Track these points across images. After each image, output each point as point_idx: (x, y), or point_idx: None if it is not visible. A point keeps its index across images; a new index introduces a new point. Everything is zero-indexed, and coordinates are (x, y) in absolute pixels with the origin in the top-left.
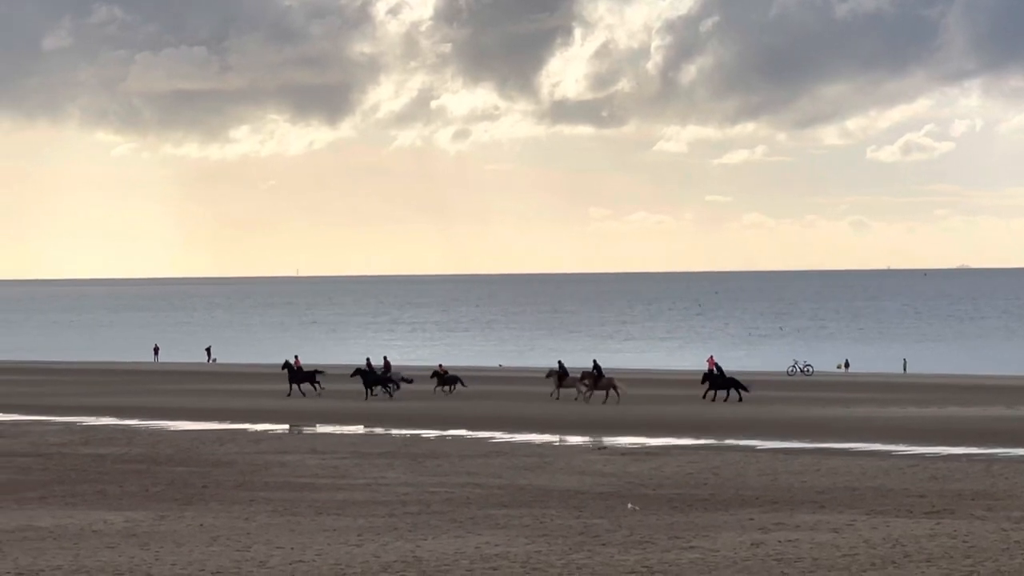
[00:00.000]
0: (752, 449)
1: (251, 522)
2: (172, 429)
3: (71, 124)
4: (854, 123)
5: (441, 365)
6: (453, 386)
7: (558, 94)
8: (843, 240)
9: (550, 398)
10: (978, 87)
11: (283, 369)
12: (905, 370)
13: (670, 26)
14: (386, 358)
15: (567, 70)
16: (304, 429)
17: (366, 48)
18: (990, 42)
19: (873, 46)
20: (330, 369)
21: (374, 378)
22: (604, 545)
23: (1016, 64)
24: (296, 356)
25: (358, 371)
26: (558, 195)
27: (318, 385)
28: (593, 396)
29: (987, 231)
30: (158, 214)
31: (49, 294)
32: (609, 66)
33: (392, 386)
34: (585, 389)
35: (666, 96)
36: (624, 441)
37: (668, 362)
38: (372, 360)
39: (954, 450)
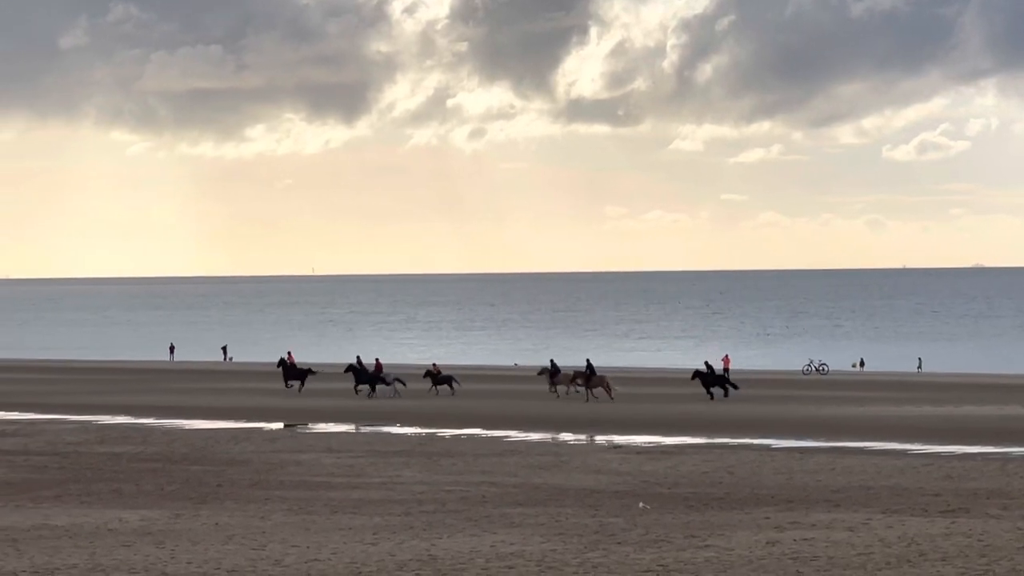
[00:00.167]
0: (767, 448)
1: (266, 521)
2: (187, 428)
3: (87, 123)
4: (870, 122)
5: (435, 364)
6: (450, 384)
7: (574, 93)
8: (858, 239)
9: (549, 393)
10: (994, 86)
11: (278, 367)
12: (920, 369)
13: (686, 25)
14: (378, 360)
15: (583, 69)
16: (298, 427)
17: (382, 47)
18: (1006, 41)
19: (889, 45)
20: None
21: (365, 376)
22: (620, 544)
23: None
24: (289, 352)
25: (350, 368)
26: (574, 194)
27: (304, 380)
28: (585, 394)
29: (1002, 230)
30: (174, 213)
31: (64, 293)
32: (625, 65)
33: (382, 385)
34: (578, 387)
35: (682, 95)
36: (639, 440)
37: (683, 361)
38: (364, 360)
39: (969, 449)
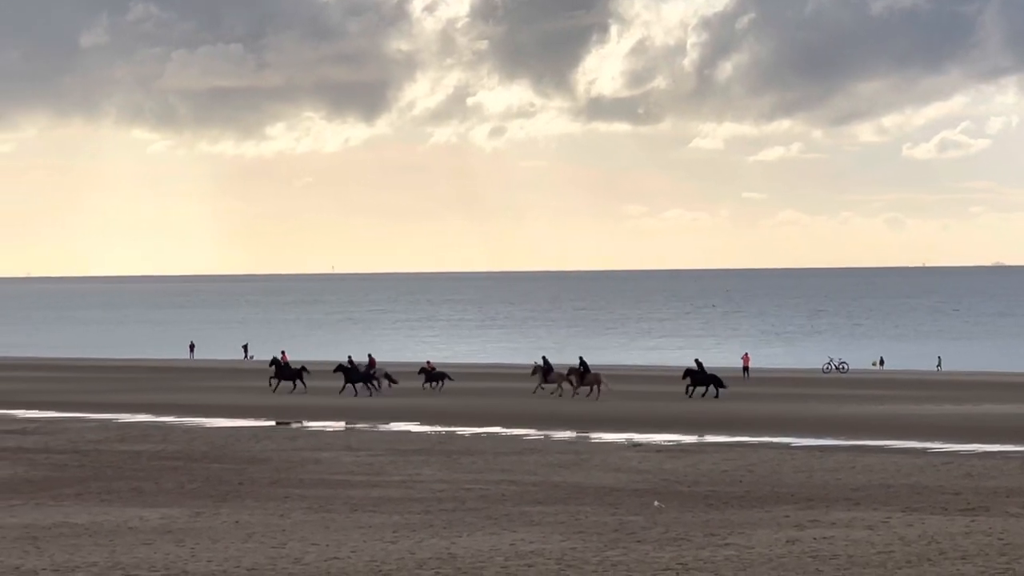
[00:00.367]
0: (787, 446)
1: (286, 519)
2: (208, 426)
3: (107, 121)
4: (890, 120)
5: (429, 362)
6: (441, 382)
7: (594, 91)
8: (878, 237)
9: (540, 391)
10: (1014, 84)
11: (270, 366)
12: (939, 367)
13: (706, 23)
14: (371, 355)
15: (603, 67)
16: (292, 423)
17: (402, 45)
18: None
19: (909, 43)
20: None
21: (356, 375)
22: (639, 542)
23: None
24: (283, 352)
25: (340, 367)
26: (594, 192)
27: (302, 381)
28: (578, 392)
29: (1023, 228)
30: (194, 211)
31: (85, 291)
32: (645, 63)
33: (374, 383)
34: (571, 385)
35: (702, 93)
36: (659, 438)
37: (704, 359)
38: (359, 356)
39: (989, 447)
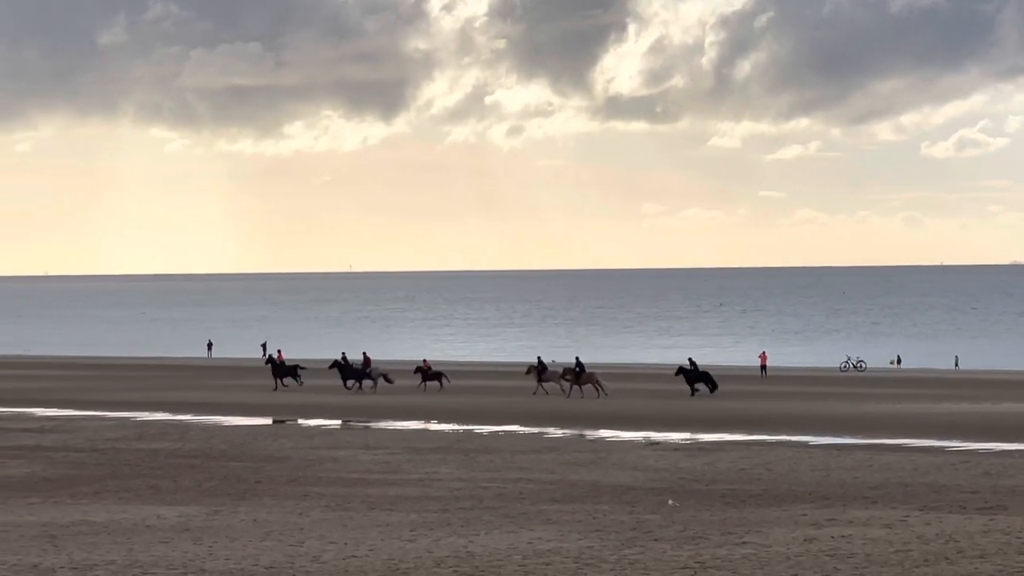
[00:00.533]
0: (805, 445)
1: (304, 517)
2: (225, 424)
3: (125, 120)
4: (908, 119)
5: (425, 361)
6: (438, 381)
7: (612, 90)
8: (896, 236)
9: (536, 390)
10: None
11: (266, 364)
12: (957, 366)
13: (724, 22)
14: (365, 354)
15: (621, 66)
16: (286, 421)
17: (421, 44)
18: None
19: (927, 42)
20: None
21: (350, 372)
22: (657, 541)
23: None
24: (280, 350)
25: (335, 364)
26: (611, 191)
27: (299, 379)
28: (573, 391)
29: None
30: (212, 210)
31: (103, 289)
32: (663, 62)
33: (369, 382)
34: (567, 384)
35: (720, 92)
36: (676, 436)
37: (721, 358)
38: (356, 354)
39: (1007, 446)
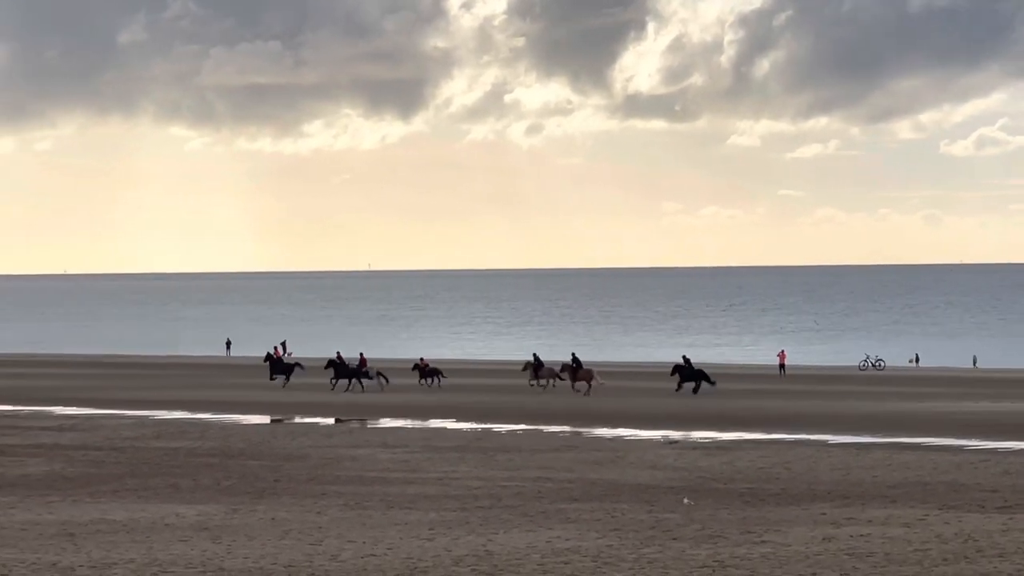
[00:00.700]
0: (824, 444)
1: (323, 516)
2: (244, 423)
3: (145, 119)
4: (928, 117)
5: (422, 358)
6: (435, 379)
7: (631, 88)
8: (916, 234)
9: (531, 388)
10: None
11: (265, 361)
12: (975, 365)
13: (743, 20)
14: (362, 354)
15: (640, 64)
16: (284, 419)
17: (439, 42)
18: None
19: (947, 40)
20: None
21: (345, 371)
22: (675, 539)
23: None
24: (276, 347)
25: (330, 363)
26: (631, 189)
27: (286, 379)
28: (570, 388)
29: None
30: (231, 208)
31: (122, 288)
32: (682, 60)
33: (366, 380)
34: (563, 381)
35: (739, 90)
36: (695, 435)
37: (740, 356)
38: (353, 353)
39: None
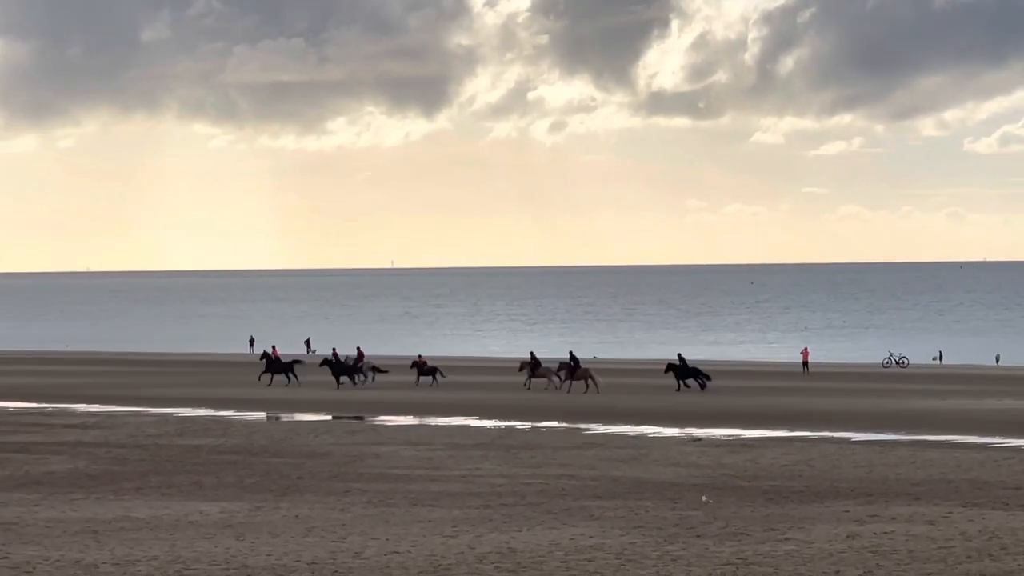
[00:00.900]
0: (847, 441)
1: (346, 513)
2: (267, 420)
3: (169, 116)
4: (951, 115)
5: (420, 356)
6: (434, 376)
7: (655, 86)
8: (939, 232)
9: (525, 387)
10: None
11: (261, 360)
12: (998, 362)
13: (767, 17)
14: (359, 348)
15: (664, 62)
16: (281, 416)
17: (463, 40)
18: None
19: (971, 37)
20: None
21: (342, 368)
22: (699, 537)
23: None
24: (274, 346)
25: (326, 361)
26: (654, 187)
27: (292, 376)
28: (571, 387)
29: None
30: (254, 206)
31: (145, 285)
32: (706, 57)
33: (360, 376)
34: (561, 380)
35: (763, 87)
36: (719, 433)
37: (764, 354)
38: (351, 350)
39: None
